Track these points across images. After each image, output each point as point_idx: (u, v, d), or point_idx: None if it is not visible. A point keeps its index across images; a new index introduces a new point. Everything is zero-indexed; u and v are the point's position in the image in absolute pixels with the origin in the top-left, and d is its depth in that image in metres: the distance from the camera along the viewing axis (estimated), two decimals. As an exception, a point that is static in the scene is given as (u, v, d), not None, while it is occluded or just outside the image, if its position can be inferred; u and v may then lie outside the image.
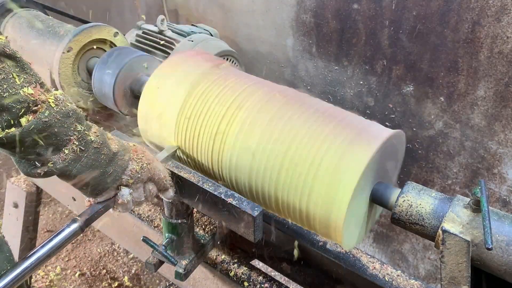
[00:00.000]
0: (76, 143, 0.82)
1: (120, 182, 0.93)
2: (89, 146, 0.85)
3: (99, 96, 1.40)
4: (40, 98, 0.77)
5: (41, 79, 0.79)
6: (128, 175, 0.93)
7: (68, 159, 0.82)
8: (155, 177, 0.99)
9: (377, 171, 0.99)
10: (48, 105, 0.78)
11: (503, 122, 1.55)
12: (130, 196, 0.95)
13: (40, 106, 0.76)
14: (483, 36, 1.46)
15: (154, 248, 1.16)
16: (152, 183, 1.00)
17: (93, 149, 0.85)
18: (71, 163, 0.82)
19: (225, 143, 1.06)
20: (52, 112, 0.78)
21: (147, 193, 1.00)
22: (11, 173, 2.97)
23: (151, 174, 0.98)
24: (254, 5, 2.01)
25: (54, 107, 0.78)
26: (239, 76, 1.17)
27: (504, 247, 0.81)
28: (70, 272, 2.65)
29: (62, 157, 0.81)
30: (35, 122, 0.75)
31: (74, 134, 0.82)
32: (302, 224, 1.05)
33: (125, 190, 0.94)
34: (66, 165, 0.82)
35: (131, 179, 0.93)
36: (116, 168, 0.90)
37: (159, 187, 1.03)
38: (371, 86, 1.83)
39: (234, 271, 1.31)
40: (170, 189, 1.06)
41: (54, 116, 0.78)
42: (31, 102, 0.75)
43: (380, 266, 1.20)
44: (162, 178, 1.01)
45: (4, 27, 1.63)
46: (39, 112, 0.76)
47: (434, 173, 1.82)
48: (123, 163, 0.92)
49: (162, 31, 1.73)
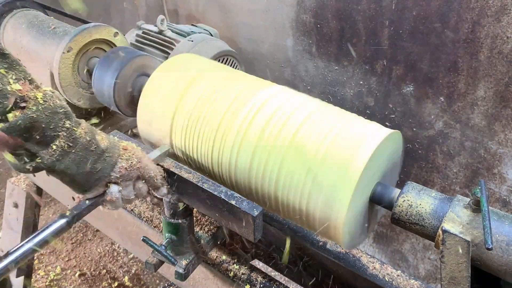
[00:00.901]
0: (64, 139, 0.83)
1: (109, 179, 0.93)
2: (77, 142, 0.86)
3: (99, 96, 1.40)
4: (29, 94, 0.78)
5: (30, 75, 0.81)
6: (117, 172, 0.93)
7: (56, 154, 0.83)
8: (145, 175, 1.00)
9: (377, 172, 0.99)
10: (36, 101, 0.79)
11: (503, 122, 1.55)
12: (119, 194, 0.96)
13: (28, 102, 0.77)
14: (483, 36, 1.46)
15: (154, 248, 1.16)
16: (142, 181, 1.01)
17: (81, 146, 0.86)
18: (59, 158, 0.83)
19: (225, 143, 1.06)
20: (40, 108, 0.79)
21: (137, 191, 1.00)
22: (11, 173, 2.97)
23: (141, 172, 0.99)
24: (254, 5, 2.01)
25: (42, 103, 0.79)
26: (239, 76, 1.17)
27: (504, 247, 0.81)
28: (70, 272, 2.65)
29: (50, 152, 0.82)
30: (22, 118, 0.76)
31: (62, 130, 0.83)
32: (302, 224, 1.05)
33: (114, 188, 0.95)
34: (54, 160, 0.83)
35: (120, 177, 0.94)
36: (104, 165, 0.91)
37: (150, 185, 1.03)
38: (371, 86, 1.83)
39: (234, 271, 1.31)
40: (162, 187, 1.06)
41: (42, 112, 0.79)
42: (19, 98, 0.76)
43: (380, 266, 1.20)
44: (152, 176, 1.01)
45: (4, 27, 1.63)
46: (26, 108, 0.77)
47: (434, 173, 1.82)
48: (112, 160, 0.92)
49: (162, 31, 1.73)
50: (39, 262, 2.70)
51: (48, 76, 1.47)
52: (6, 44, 1.63)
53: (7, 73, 0.76)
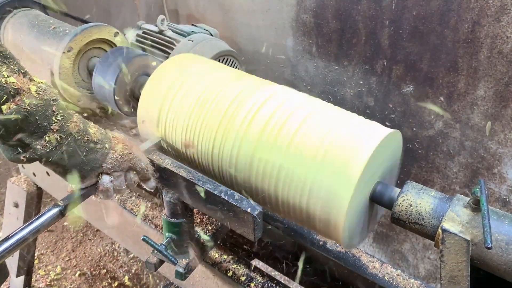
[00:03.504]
0: (57, 131, 0.86)
1: (101, 170, 0.96)
2: (69, 134, 0.88)
3: (99, 96, 1.41)
4: (22, 87, 0.80)
5: (24, 68, 0.83)
6: (108, 163, 0.96)
7: (49, 146, 0.85)
8: (136, 166, 1.03)
9: (377, 171, 0.99)
10: (30, 94, 0.81)
11: (503, 122, 1.55)
12: (111, 184, 0.99)
13: (22, 95, 0.79)
14: (483, 36, 1.46)
15: (154, 248, 1.17)
16: (133, 172, 1.04)
17: (74, 137, 0.89)
18: (52, 150, 0.86)
19: (225, 142, 1.07)
20: (33, 100, 0.81)
21: (128, 182, 1.04)
22: (11, 173, 2.97)
23: (132, 163, 1.02)
24: (254, 5, 2.02)
25: (36, 96, 0.82)
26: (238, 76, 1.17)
27: (504, 246, 0.81)
28: (70, 272, 2.65)
29: (43, 144, 0.85)
30: (16, 110, 0.78)
31: (55, 122, 0.85)
32: (302, 224, 1.05)
33: (106, 178, 0.98)
34: (47, 151, 0.86)
35: (112, 167, 0.97)
36: (96, 156, 0.94)
37: (141, 176, 1.06)
38: (371, 86, 1.83)
39: (234, 271, 1.32)
40: (151, 179, 1.09)
41: (35, 104, 0.81)
42: (13, 90, 0.78)
43: (380, 266, 1.20)
44: (143, 167, 1.05)
45: (4, 27, 1.63)
46: (20, 100, 0.79)
47: (434, 172, 1.83)
48: (103, 151, 0.96)
49: (162, 31, 1.73)
50: (40, 262, 2.70)
51: (48, 76, 1.47)
52: (6, 44, 1.64)
53: (1, 66, 0.78)
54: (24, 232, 0.86)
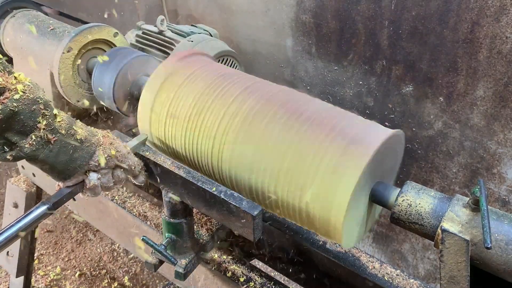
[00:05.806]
0: (43, 130, 0.86)
1: (87, 168, 0.97)
2: (56, 132, 0.89)
3: (99, 96, 1.41)
4: (8, 85, 0.80)
5: (9, 67, 0.83)
6: (95, 161, 0.97)
7: (35, 144, 0.86)
8: (123, 164, 1.04)
9: (377, 171, 0.99)
10: (16, 93, 0.81)
11: (502, 122, 1.55)
12: (99, 181, 1.00)
13: (7, 93, 0.79)
14: (482, 36, 1.46)
15: (154, 248, 1.17)
16: (120, 169, 1.05)
17: (60, 136, 0.90)
18: (39, 148, 0.86)
19: (225, 143, 1.07)
20: (19, 99, 0.81)
21: (116, 179, 1.04)
22: (11, 173, 2.97)
23: (119, 161, 1.03)
24: (254, 6, 2.02)
25: (22, 94, 0.82)
26: (237, 76, 1.17)
27: (503, 246, 0.81)
28: (70, 272, 2.65)
29: (29, 142, 0.85)
30: (1, 109, 0.78)
31: (41, 121, 0.85)
32: (302, 223, 1.05)
33: (93, 175, 0.99)
34: (34, 150, 0.86)
35: (98, 165, 0.98)
36: (83, 154, 0.95)
37: (128, 173, 1.07)
38: (371, 86, 1.83)
39: (234, 271, 1.32)
40: (140, 175, 1.11)
41: (21, 103, 0.81)
42: None
43: (380, 266, 1.20)
44: (130, 165, 1.06)
45: (4, 28, 1.63)
46: (6, 98, 0.79)
47: (433, 173, 1.83)
48: (90, 149, 0.96)
49: (162, 32, 1.73)
50: (39, 262, 2.70)
51: (48, 76, 1.47)
52: (6, 44, 1.64)
53: None
54: (12, 230, 0.87)
